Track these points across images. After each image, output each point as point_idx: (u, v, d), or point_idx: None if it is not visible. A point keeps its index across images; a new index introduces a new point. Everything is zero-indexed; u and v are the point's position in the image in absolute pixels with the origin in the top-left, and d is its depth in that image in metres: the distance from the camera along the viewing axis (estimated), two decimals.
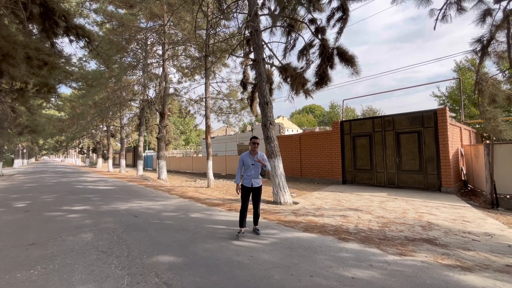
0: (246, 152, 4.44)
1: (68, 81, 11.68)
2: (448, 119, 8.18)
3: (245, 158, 4.37)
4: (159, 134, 14.90)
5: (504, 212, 6.33)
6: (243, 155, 4.44)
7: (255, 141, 4.35)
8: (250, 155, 4.37)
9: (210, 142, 10.83)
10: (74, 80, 13.39)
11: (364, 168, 10.09)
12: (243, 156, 4.41)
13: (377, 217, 5.35)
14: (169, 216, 5.65)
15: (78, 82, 13.77)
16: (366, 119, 10.26)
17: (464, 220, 5.01)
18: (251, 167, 4.29)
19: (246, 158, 4.36)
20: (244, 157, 4.39)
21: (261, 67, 7.28)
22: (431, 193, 8.01)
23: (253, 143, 4.34)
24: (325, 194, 8.51)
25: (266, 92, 7.22)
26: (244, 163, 4.37)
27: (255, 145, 4.33)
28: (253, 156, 4.35)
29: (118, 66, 14.24)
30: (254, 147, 4.33)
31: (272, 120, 7.21)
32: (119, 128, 23.04)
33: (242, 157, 4.41)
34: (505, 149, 6.98)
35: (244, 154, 4.42)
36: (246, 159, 4.35)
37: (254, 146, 4.33)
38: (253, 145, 4.34)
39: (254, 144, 4.33)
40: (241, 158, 4.41)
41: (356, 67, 7.57)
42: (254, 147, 4.33)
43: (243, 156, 4.42)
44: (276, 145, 7.13)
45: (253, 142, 4.35)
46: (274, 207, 6.49)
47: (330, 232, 4.27)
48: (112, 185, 11.98)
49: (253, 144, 4.34)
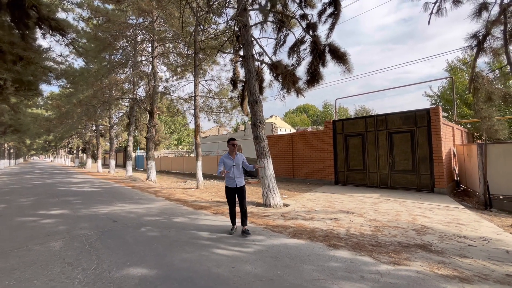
0: (226, 154, 4.59)
1: (50, 78, 11.19)
2: (441, 118, 8.04)
3: (225, 160, 4.48)
4: (148, 133, 14.46)
5: (498, 213, 6.20)
6: (223, 156, 4.56)
7: (234, 142, 4.54)
8: (230, 156, 4.52)
9: (199, 141, 10.49)
10: (57, 77, 12.90)
11: (357, 169, 9.91)
12: (223, 158, 4.52)
13: (370, 220, 5.12)
14: (151, 221, 5.31)
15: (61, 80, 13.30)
16: (358, 118, 10.07)
17: (458, 223, 4.83)
18: (233, 168, 4.41)
19: (227, 160, 4.48)
20: (224, 159, 4.50)
21: (250, 64, 6.98)
22: (424, 194, 7.86)
23: (232, 145, 4.51)
24: (317, 195, 8.28)
25: (256, 89, 6.94)
26: (224, 165, 4.47)
27: (234, 147, 4.51)
28: (233, 157, 4.51)
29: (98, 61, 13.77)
30: (232, 149, 4.50)
31: (262, 119, 6.93)
32: (109, 127, 22.43)
33: (223, 159, 4.51)
34: (499, 149, 6.86)
35: (225, 156, 4.55)
36: (227, 161, 4.47)
37: (233, 147, 4.51)
38: (231, 147, 4.50)
39: (233, 146, 4.50)
40: (221, 160, 4.51)
41: (348, 64, 7.35)
42: (232, 149, 4.50)
43: (223, 158, 4.52)
44: (265, 145, 6.86)
45: (231, 144, 4.52)
46: (264, 210, 6.21)
47: (319, 238, 4.02)
48: (98, 187, 11.52)
49: (232, 146, 4.50)
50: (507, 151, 6.71)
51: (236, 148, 4.58)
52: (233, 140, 4.58)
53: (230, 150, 4.54)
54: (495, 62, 4.38)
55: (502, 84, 4.44)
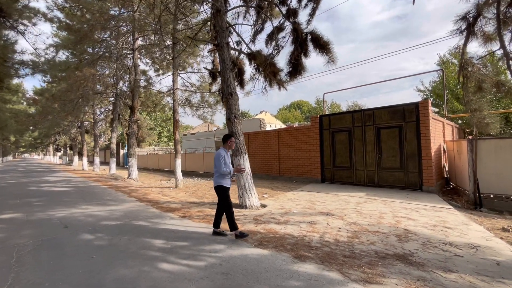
0: (222, 148, 4.24)
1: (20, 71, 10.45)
2: (430, 112, 7.60)
3: (225, 155, 4.17)
4: (129, 129, 13.78)
5: (488, 213, 5.80)
6: (222, 151, 4.16)
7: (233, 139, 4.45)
8: (227, 152, 4.27)
9: (178, 138, 9.90)
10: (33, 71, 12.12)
11: (344, 166, 9.45)
12: (223, 153, 4.15)
13: (349, 223, 4.64)
14: (107, 226, 4.75)
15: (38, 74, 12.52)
16: (345, 113, 9.59)
17: (445, 226, 4.38)
18: (229, 165, 4.15)
19: (226, 155, 4.20)
20: (224, 154, 4.16)
21: (224, 53, 6.40)
22: (412, 193, 7.44)
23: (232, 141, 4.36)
24: (300, 194, 7.80)
25: (230, 81, 6.37)
26: (224, 161, 4.11)
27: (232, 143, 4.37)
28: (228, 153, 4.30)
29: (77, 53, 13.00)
30: (231, 145, 4.36)
31: (237, 113, 6.37)
32: (92, 123, 21.60)
33: (223, 154, 4.12)
34: (489, 145, 6.45)
35: (224, 151, 4.20)
36: (227, 156, 4.19)
37: (231, 144, 4.35)
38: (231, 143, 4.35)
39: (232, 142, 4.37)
40: (221, 155, 4.09)
41: (332, 54, 6.82)
42: (231, 145, 4.36)
43: (223, 153, 4.14)
44: (242, 142, 6.31)
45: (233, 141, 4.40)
46: (237, 212, 5.68)
47: (287, 247, 3.51)
48: (72, 186, 10.86)
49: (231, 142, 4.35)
50: (499, 147, 6.31)
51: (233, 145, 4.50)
52: (233, 137, 4.45)
53: (228, 147, 4.29)
54: (486, 47, 3.88)
55: (494, 72, 3.95)
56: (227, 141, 4.31)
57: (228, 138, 4.32)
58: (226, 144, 4.30)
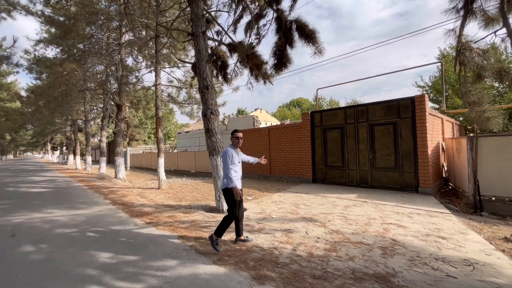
0: (230, 147, 3.71)
1: None
2: (427, 108, 7.02)
3: (234, 154, 3.62)
4: (116, 128, 13.28)
5: (489, 218, 5.25)
6: (230, 150, 3.64)
7: (239, 135, 3.73)
8: (235, 150, 3.70)
9: (161, 136, 9.37)
10: None
11: (336, 165, 8.90)
12: (231, 150, 3.63)
13: (331, 232, 4.11)
14: (58, 235, 4.25)
15: None
16: (338, 109, 9.02)
17: (439, 236, 3.83)
18: (239, 165, 3.67)
19: (234, 154, 3.64)
20: (232, 152, 3.62)
21: (200, 43, 5.85)
22: (407, 194, 6.88)
23: (236, 138, 3.71)
24: (286, 196, 7.27)
25: (207, 73, 5.82)
26: (232, 160, 3.57)
27: (238, 141, 3.71)
28: (237, 151, 3.72)
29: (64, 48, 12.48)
30: (237, 143, 3.71)
31: (214, 108, 5.83)
32: (84, 122, 21.13)
33: (230, 152, 3.59)
34: (491, 143, 5.88)
35: (231, 149, 3.65)
36: (235, 155, 3.63)
37: (238, 141, 3.71)
38: (236, 141, 3.71)
39: (237, 140, 3.71)
40: (228, 153, 3.57)
41: (318, 44, 6.24)
42: (237, 143, 3.71)
43: (231, 151, 3.62)
44: (219, 140, 5.78)
45: (235, 137, 3.72)
46: (210, 217, 5.17)
47: (249, 264, 2.98)
48: (52, 187, 10.39)
49: (236, 140, 3.71)
50: (501, 145, 5.73)
51: (241, 142, 3.76)
52: (239, 132, 3.76)
53: (234, 145, 3.72)
54: (488, 30, 3.30)
55: (496, 58, 3.37)
56: (232, 138, 3.74)
57: (232, 136, 3.74)
58: (232, 142, 3.74)
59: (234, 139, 3.71)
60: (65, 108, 14.22)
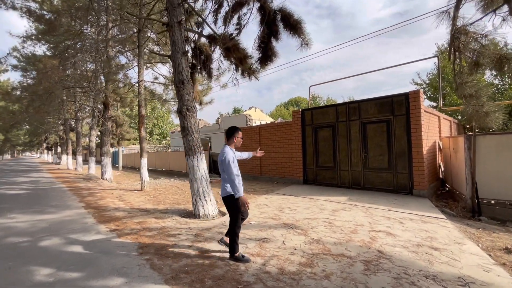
0: (228, 148, 3.18)
1: None
2: (422, 104, 6.58)
3: (234, 156, 3.18)
4: (103, 127, 12.83)
5: (488, 223, 4.81)
6: (230, 152, 3.12)
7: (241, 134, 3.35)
8: (234, 151, 3.29)
9: (144, 135, 8.92)
10: None
11: (327, 166, 8.45)
12: (232, 153, 3.15)
13: (311, 241, 3.67)
14: (7, 245, 3.80)
15: None
16: (329, 106, 8.58)
17: (432, 247, 3.39)
18: (237, 166, 3.17)
19: (234, 155, 3.21)
20: (233, 154, 3.16)
21: (175, 34, 5.39)
22: (400, 197, 6.45)
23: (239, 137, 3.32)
24: (273, 199, 6.84)
25: (182, 67, 5.37)
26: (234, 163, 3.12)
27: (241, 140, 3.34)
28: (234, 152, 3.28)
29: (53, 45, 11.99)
30: (240, 142, 3.33)
31: (190, 105, 5.38)
32: (75, 121, 20.66)
33: (232, 155, 3.10)
34: (490, 142, 5.44)
35: (230, 150, 3.15)
36: (235, 157, 3.19)
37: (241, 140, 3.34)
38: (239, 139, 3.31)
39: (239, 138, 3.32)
40: (231, 157, 3.06)
41: (305, 36, 5.82)
42: (240, 142, 3.33)
43: (231, 154, 3.12)
44: (195, 139, 5.33)
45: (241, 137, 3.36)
46: (183, 223, 4.72)
47: (206, 284, 2.53)
48: (32, 188, 9.94)
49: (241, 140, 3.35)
50: (501, 144, 5.29)
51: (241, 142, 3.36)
52: (240, 131, 3.37)
53: (236, 143, 3.30)
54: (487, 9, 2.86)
55: (495, 45, 2.93)
56: (232, 137, 3.25)
57: (232, 134, 3.26)
58: (230, 141, 3.26)
59: (239, 139, 3.30)
60: (51, 106, 13.72)
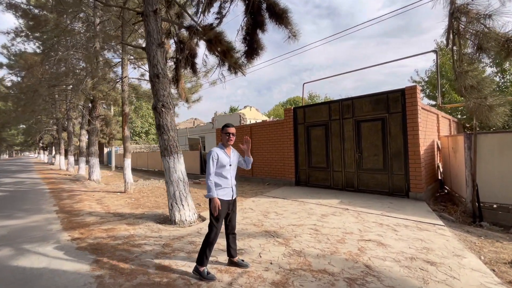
0: (218, 146, 2.91)
1: None
2: (419, 101, 6.16)
3: (220, 154, 2.79)
4: (90, 126, 12.40)
5: (490, 230, 4.40)
6: (215, 150, 2.81)
7: (230, 130, 2.85)
8: (225, 150, 2.87)
9: (127, 134, 8.48)
10: None
11: (320, 166, 8.03)
12: (217, 151, 2.79)
13: (291, 253, 3.24)
14: None
15: None
16: (321, 104, 8.16)
17: (427, 261, 2.97)
18: (229, 169, 2.83)
19: (222, 154, 2.80)
20: (218, 152, 2.79)
21: (151, 24, 4.96)
22: (396, 200, 6.02)
23: (226, 134, 2.85)
24: (261, 201, 6.42)
25: (158, 60, 4.93)
26: (218, 162, 2.76)
27: (230, 137, 2.85)
28: (229, 153, 2.88)
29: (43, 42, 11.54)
30: (228, 140, 2.85)
31: (166, 101, 4.94)
32: (66, 120, 20.20)
33: (215, 153, 2.76)
34: (492, 141, 5.01)
35: (218, 149, 2.84)
36: (222, 156, 2.79)
37: (229, 138, 2.85)
38: (226, 137, 2.85)
39: (227, 136, 2.84)
40: (213, 155, 2.75)
41: (292, 27, 5.41)
42: (228, 140, 2.85)
43: (216, 151, 2.78)
44: (172, 138, 4.90)
45: (226, 132, 2.85)
46: (155, 231, 4.29)
47: None
48: (12, 190, 9.51)
49: (227, 136, 2.85)
50: (504, 143, 4.85)
51: (234, 139, 2.88)
52: (230, 127, 2.87)
53: (223, 143, 2.89)
54: None
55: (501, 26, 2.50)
56: (222, 134, 2.93)
57: (221, 131, 2.93)
58: (222, 139, 2.94)
59: (224, 136, 2.87)
60: (36, 105, 13.27)
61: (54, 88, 11.87)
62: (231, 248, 2.91)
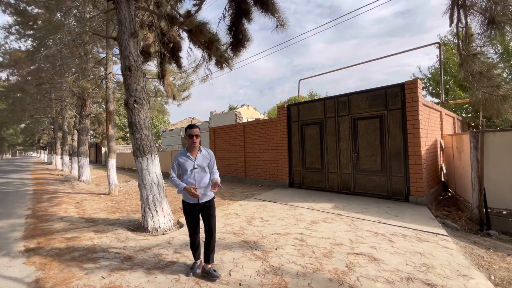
0: (182, 150, 2.86)
1: None
2: (420, 96, 5.65)
3: (180, 160, 2.76)
4: (80, 125, 12.02)
5: (499, 240, 3.90)
6: (177, 155, 2.82)
7: (193, 132, 2.73)
8: (189, 153, 2.77)
9: (112, 133, 8.06)
10: None
11: (314, 167, 7.54)
12: (178, 157, 2.79)
13: (267, 270, 2.77)
14: None
15: None
16: (316, 101, 7.65)
17: (427, 283, 2.48)
18: (193, 172, 2.72)
19: (183, 160, 2.75)
20: (179, 159, 2.77)
21: (122, 11, 4.51)
22: (395, 205, 5.52)
23: (189, 136, 2.73)
24: (249, 205, 5.95)
25: (130, 51, 4.48)
26: (178, 168, 2.78)
27: (193, 139, 2.72)
28: (193, 155, 2.77)
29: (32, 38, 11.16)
30: (191, 142, 2.74)
31: (139, 96, 4.49)
32: (61, 119, 19.90)
33: (177, 158, 2.79)
34: (502, 140, 4.49)
35: (180, 154, 2.81)
36: (183, 161, 2.74)
37: (192, 140, 2.72)
38: (190, 139, 2.74)
39: (191, 137, 2.73)
40: (174, 160, 2.80)
41: (279, 15, 4.95)
42: (191, 142, 2.74)
43: (177, 158, 2.79)
44: (145, 137, 4.45)
45: (189, 134, 2.74)
46: (124, 239, 3.84)
47: None
48: None
49: (190, 138, 2.73)
50: None
51: (198, 140, 2.77)
52: (193, 128, 2.75)
53: (188, 144, 2.80)
54: None
55: None
56: (186, 137, 2.82)
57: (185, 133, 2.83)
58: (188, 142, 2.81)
59: (187, 138, 2.76)
60: (26, 104, 12.92)
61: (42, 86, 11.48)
62: (204, 253, 2.80)
